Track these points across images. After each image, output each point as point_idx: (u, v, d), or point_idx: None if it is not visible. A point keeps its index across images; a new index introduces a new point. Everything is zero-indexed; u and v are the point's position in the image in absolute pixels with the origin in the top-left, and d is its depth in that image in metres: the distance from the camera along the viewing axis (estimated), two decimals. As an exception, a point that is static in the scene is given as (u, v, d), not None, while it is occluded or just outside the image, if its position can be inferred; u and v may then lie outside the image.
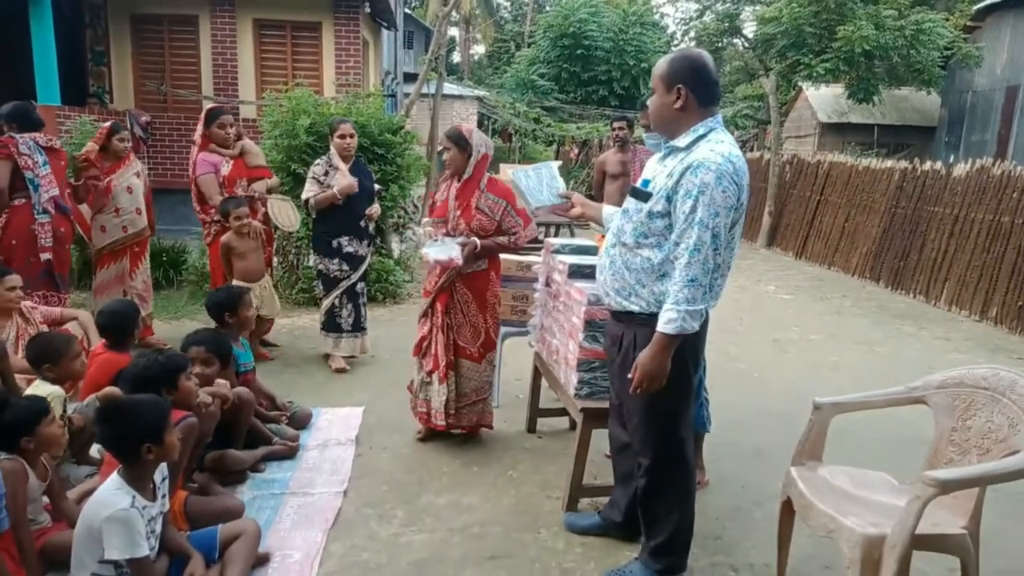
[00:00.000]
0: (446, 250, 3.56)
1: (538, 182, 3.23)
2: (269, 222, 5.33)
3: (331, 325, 5.01)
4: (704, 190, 2.28)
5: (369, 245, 5.08)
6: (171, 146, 10.01)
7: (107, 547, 2.22)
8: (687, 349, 2.46)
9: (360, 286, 5.06)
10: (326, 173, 4.79)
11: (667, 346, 2.37)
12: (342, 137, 4.81)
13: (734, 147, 2.40)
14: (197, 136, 5.20)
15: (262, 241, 5.13)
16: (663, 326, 2.35)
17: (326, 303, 4.97)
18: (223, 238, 4.93)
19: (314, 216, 4.93)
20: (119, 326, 3.50)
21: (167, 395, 2.76)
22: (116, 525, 2.22)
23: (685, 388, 2.55)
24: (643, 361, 2.41)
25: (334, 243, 4.88)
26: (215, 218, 5.10)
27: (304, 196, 4.82)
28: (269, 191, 5.38)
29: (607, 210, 2.98)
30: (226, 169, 5.14)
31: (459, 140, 3.65)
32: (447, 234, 3.68)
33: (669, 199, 2.38)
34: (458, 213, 3.67)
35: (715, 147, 2.35)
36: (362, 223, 4.96)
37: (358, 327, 5.09)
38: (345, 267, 4.91)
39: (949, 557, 2.39)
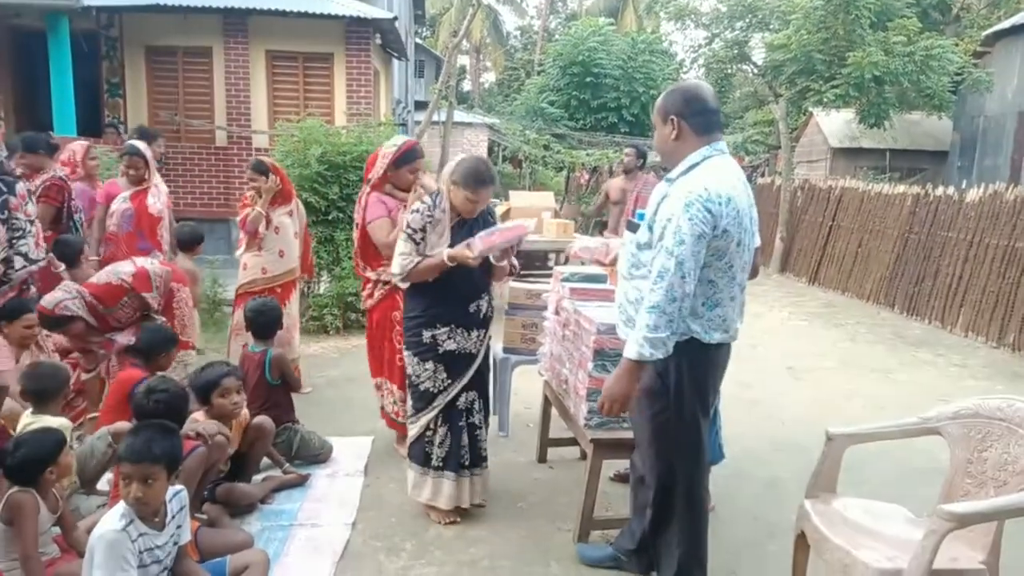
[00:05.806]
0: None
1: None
2: None
3: (417, 453, 3.38)
4: (671, 218, 2.33)
5: (484, 335, 3.41)
6: (184, 175, 10.15)
7: (89, 566, 2.15)
8: (687, 381, 2.45)
9: (465, 400, 3.35)
10: (423, 229, 3.19)
11: (630, 370, 2.42)
12: (473, 200, 3.18)
13: (724, 173, 2.39)
14: (374, 175, 3.96)
15: None
16: (626, 351, 2.40)
17: (416, 427, 3.37)
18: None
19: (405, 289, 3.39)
20: (150, 349, 3.50)
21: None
22: (101, 544, 2.15)
23: (689, 423, 2.53)
24: (606, 383, 2.49)
25: (426, 335, 3.27)
26: (382, 276, 3.92)
27: (395, 270, 3.28)
28: None
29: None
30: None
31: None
32: None
33: (651, 229, 2.44)
34: None
35: (699, 175, 2.37)
36: (476, 304, 3.33)
37: (455, 463, 3.33)
38: (442, 375, 3.29)
39: (968, 593, 2.33)
